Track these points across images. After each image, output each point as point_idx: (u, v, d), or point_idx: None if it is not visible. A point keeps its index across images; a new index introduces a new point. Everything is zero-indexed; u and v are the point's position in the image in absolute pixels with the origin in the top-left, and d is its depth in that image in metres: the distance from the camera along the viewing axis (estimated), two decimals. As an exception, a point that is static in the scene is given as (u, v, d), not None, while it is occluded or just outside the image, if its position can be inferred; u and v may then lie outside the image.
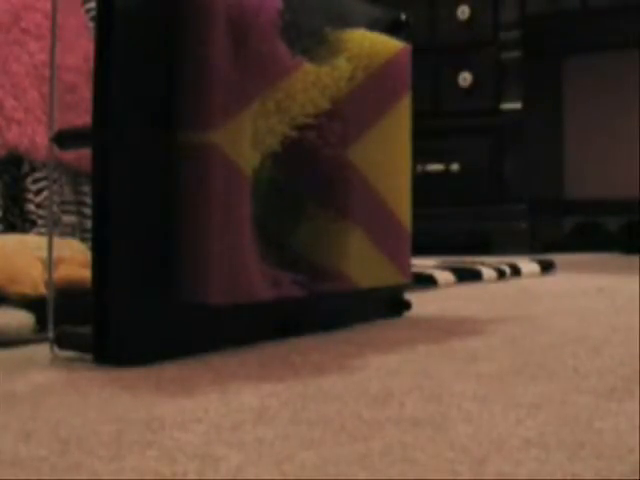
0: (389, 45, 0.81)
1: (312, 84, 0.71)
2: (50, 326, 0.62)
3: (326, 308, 0.78)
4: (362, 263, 0.78)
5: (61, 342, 0.61)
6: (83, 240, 1.58)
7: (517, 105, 2.56)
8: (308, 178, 0.73)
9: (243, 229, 0.63)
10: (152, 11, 0.60)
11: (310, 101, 0.71)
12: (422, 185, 2.72)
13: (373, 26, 0.80)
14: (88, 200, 1.68)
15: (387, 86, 0.81)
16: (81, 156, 1.40)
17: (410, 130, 0.86)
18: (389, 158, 0.82)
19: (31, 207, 1.55)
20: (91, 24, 1.70)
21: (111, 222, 0.58)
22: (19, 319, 0.69)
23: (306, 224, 0.74)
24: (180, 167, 0.61)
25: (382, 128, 0.80)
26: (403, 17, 0.88)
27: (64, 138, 0.62)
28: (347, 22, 0.77)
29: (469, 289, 1.29)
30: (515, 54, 2.56)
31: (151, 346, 0.60)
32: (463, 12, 2.62)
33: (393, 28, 0.86)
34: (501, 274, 1.51)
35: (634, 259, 2.18)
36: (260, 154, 0.66)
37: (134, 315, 0.59)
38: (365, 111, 0.78)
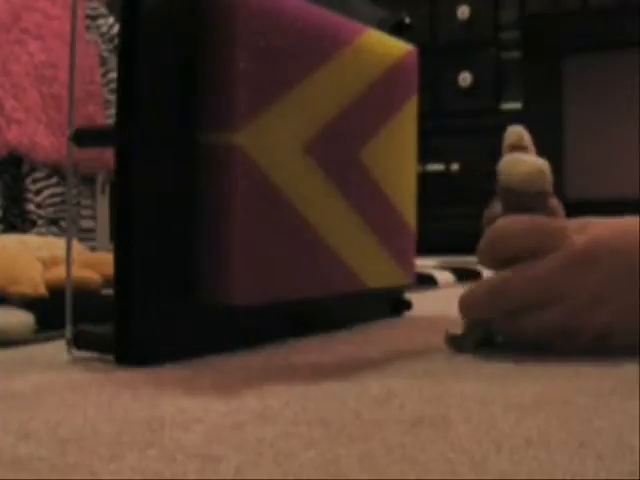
0: (398, 46, 0.82)
1: (333, 83, 0.71)
2: (68, 326, 0.61)
3: (335, 308, 0.78)
4: (370, 263, 0.78)
5: (79, 342, 0.61)
6: (80, 240, 1.58)
7: (517, 105, 2.56)
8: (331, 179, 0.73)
9: (268, 229, 0.63)
10: (176, 11, 0.60)
11: (331, 101, 0.71)
12: (422, 185, 2.73)
13: (379, 27, 0.80)
14: (83, 201, 1.68)
15: (397, 87, 0.82)
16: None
17: (416, 131, 0.86)
18: (396, 159, 0.82)
19: (31, 207, 1.55)
20: (89, 22, 1.70)
21: (133, 222, 0.57)
22: (19, 319, 0.69)
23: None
24: (202, 168, 0.61)
25: (391, 129, 0.81)
26: (407, 19, 0.88)
27: (83, 136, 0.62)
28: (360, 22, 0.77)
29: (469, 289, 1.29)
30: (515, 54, 2.57)
31: (173, 346, 0.60)
32: (463, 12, 2.63)
33: (397, 30, 0.86)
34: (501, 274, 1.51)
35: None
36: (290, 152, 0.66)
37: (156, 316, 0.59)
38: (376, 112, 0.78)
